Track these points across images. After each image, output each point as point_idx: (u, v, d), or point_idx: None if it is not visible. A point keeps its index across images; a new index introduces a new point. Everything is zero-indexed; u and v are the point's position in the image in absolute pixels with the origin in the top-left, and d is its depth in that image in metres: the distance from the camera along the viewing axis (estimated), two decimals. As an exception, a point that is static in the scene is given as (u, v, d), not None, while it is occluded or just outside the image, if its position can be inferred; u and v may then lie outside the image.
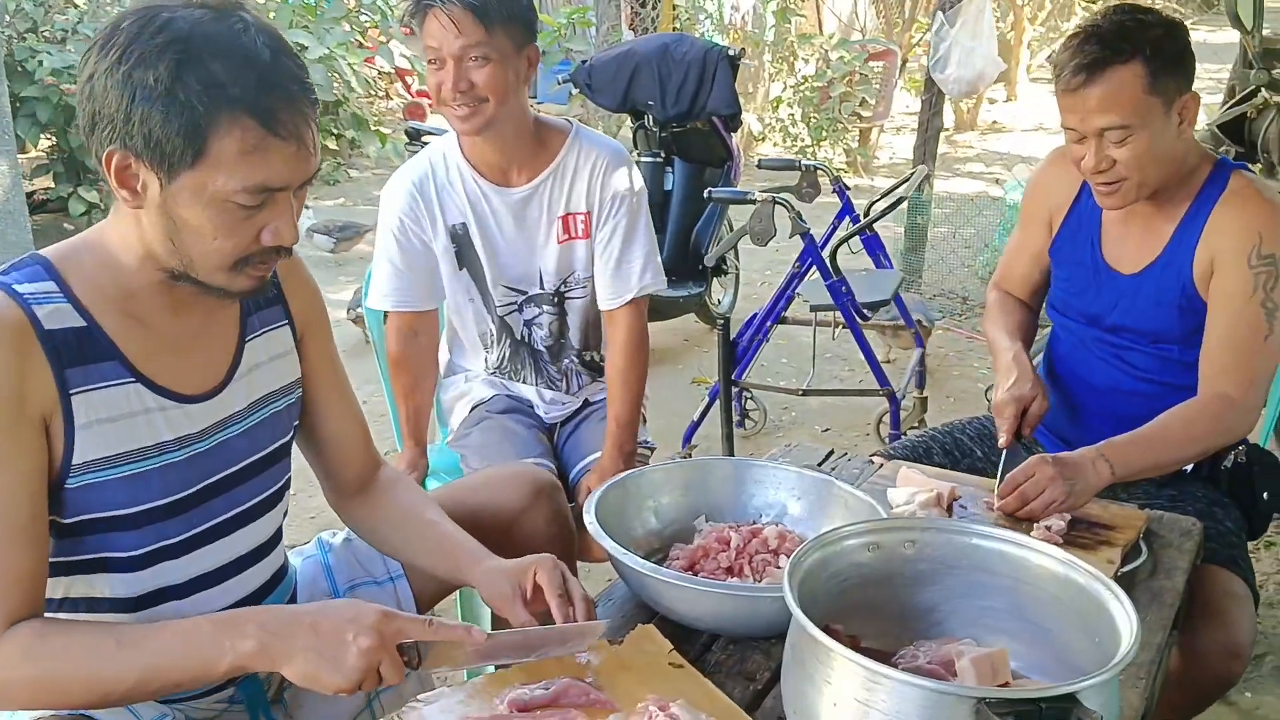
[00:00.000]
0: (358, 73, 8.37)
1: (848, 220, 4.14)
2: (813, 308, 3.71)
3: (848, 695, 1.15)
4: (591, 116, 8.27)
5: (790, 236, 3.52)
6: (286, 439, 1.53)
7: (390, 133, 8.73)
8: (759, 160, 4.61)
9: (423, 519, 1.60)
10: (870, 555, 1.41)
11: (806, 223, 3.55)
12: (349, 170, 8.73)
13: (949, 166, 8.93)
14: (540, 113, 2.34)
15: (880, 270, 4.13)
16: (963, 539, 1.41)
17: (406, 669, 1.28)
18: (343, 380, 1.63)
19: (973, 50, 5.57)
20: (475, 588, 1.53)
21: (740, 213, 5.26)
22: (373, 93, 9.53)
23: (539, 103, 9.16)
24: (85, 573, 1.35)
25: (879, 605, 1.42)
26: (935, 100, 5.84)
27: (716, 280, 5.27)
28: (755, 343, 3.85)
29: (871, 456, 2.15)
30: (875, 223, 3.80)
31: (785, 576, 1.26)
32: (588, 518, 1.55)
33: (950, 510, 1.79)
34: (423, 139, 4.76)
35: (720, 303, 5.38)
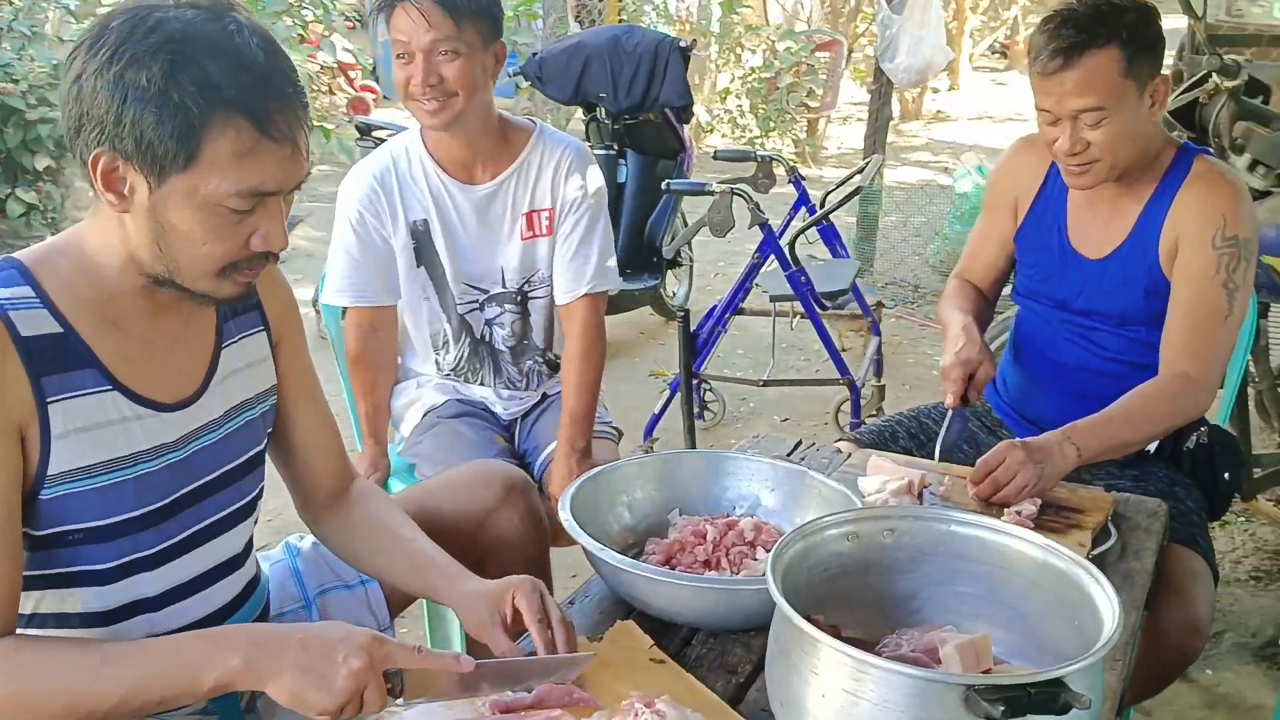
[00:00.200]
0: (300, 68, 8.23)
1: (804, 211, 4.15)
2: (772, 298, 3.72)
3: (835, 686, 1.14)
4: (539, 109, 8.22)
5: (749, 227, 3.52)
6: (260, 448, 1.49)
7: (335, 128, 8.61)
8: (715, 152, 4.62)
9: (397, 535, 1.55)
10: (849, 545, 1.41)
11: (765, 213, 3.55)
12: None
13: (896, 156, 9.00)
14: (503, 111, 2.33)
15: (838, 260, 4.15)
16: (941, 526, 1.42)
17: (389, 696, 1.26)
18: (316, 388, 1.59)
19: (921, 39, 5.62)
20: (452, 610, 1.49)
21: (693, 204, 5.27)
22: (316, 88, 9.40)
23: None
24: (56, 587, 1.31)
25: (858, 594, 1.41)
26: (884, 90, 5.88)
27: (671, 272, 5.27)
28: (714, 334, 3.85)
29: (838, 444, 2.15)
30: (833, 212, 3.82)
31: (769, 568, 1.26)
32: (564, 514, 1.53)
33: (921, 497, 1.80)
34: (373, 134, 4.71)
35: (675, 295, 5.37)
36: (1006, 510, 1.72)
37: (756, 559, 1.57)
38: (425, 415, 2.40)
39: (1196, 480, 2.06)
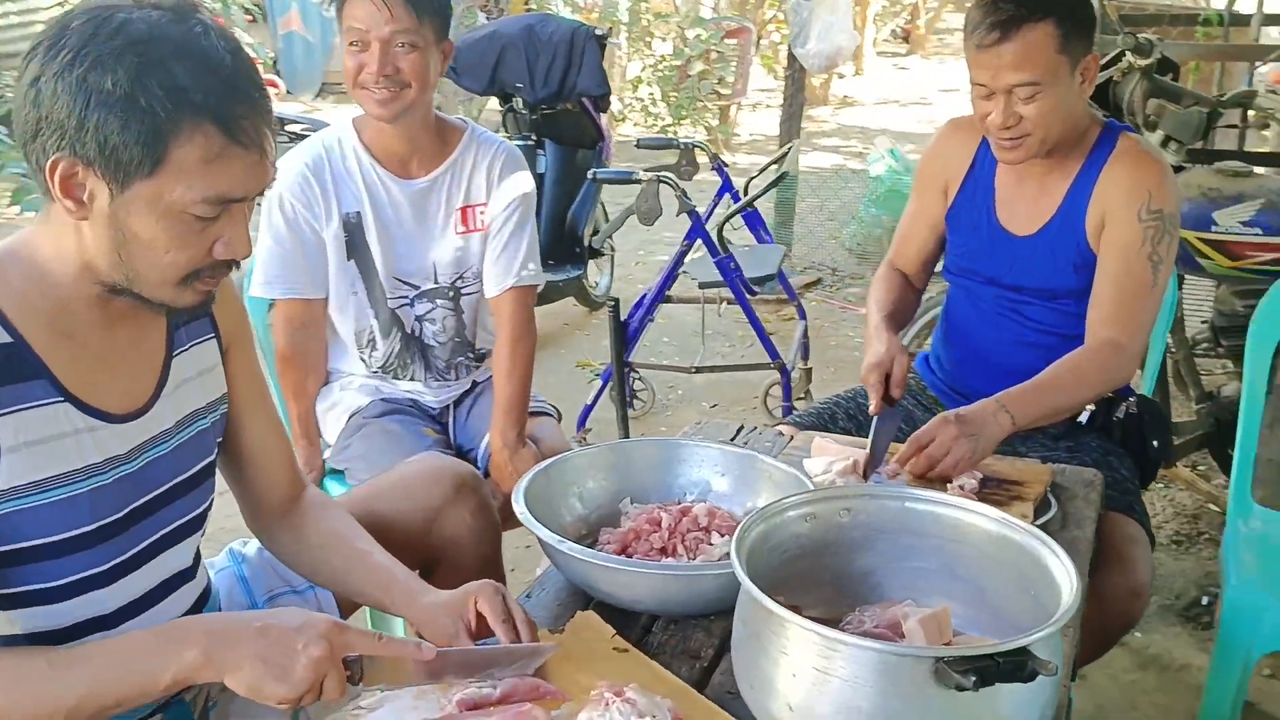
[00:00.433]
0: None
1: (728, 197, 4.16)
2: (701, 285, 3.74)
3: (806, 665, 1.15)
4: (450, 100, 8.12)
5: (677, 215, 3.53)
6: (211, 458, 1.45)
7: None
8: (637, 140, 4.61)
9: (353, 548, 1.52)
10: (808, 526, 1.41)
11: (691, 201, 3.56)
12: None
13: (808, 141, 9.09)
14: (436, 110, 2.34)
15: (763, 245, 4.18)
16: (896, 504, 1.43)
17: (348, 684, 1.24)
18: (267, 396, 1.55)
19: (831, 24, 5.68)
20: (414, 624, 1.47)
21: (612, 194, 5.26)
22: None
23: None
24: (4, 608, 1.25)
25: (817, 574, 1.42)
26: (797, 75, 5.93)
27: (593, 262, 5.26)
28: (644, 323, 3.86)
29: (779, 428, 2.16)
30: (759, 198, 3.84)
31: (733, 551, 1.26)
32: (519, 508, 1.51)
33: (866, 476, 1.81)
34: (287, 128, 4.61)
35: (597, 285, 5.37)
36: (949, 486, 1.75)
37: (712, 544, 1.57)
38: (350, 419, 2.35)
39: (1127, 449, 2.12)
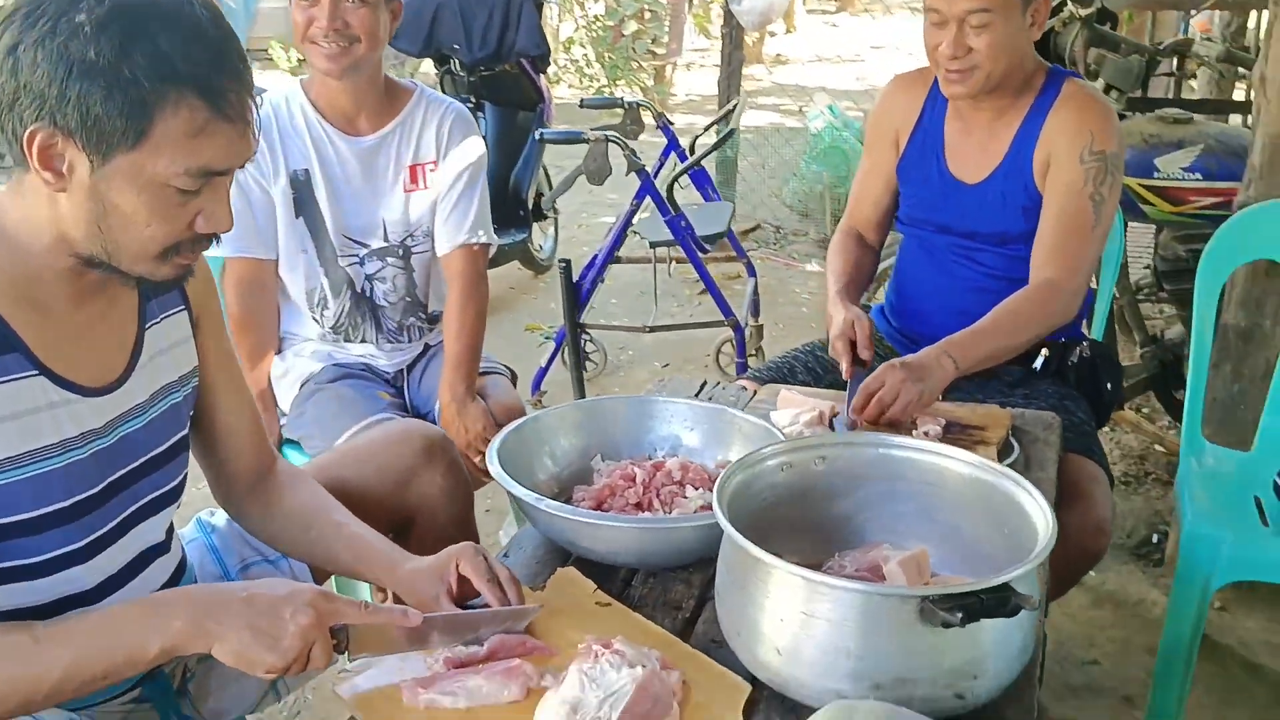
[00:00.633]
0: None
1: (674, 156, 4.15)
2: (652, 244, 3.73)
3: (792, 610, 1.16)
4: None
5: (626, 174, 3.51)
6: (184, 432, 1.43)
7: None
8: (581, 100, 4.57)
9: (329, 521, 1.50)
10: (785, 475, 1.43)
11: (641, 159, 3.55)
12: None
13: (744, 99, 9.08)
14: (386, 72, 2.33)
15: (712, 203, 4.18)
16: (872, 450, 1.45)
17: (335, 653, 1.23)
18: (236, 369, 1.53)
19: (765, -19, 5.67)
20: (396, 592, 1.45)
21: (553, 154, 5.22)
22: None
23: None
24: None
25: (795, 522, 1.44)
26: (735, 34, 5.91)
27: (537, 225, 5.22)
28: (595, 284, 3.84)
29: (740, 383, 2.18)
30: (706, 156, 3.83)
31: (715, 501, 1.27)
32: (494, 468, 1.51)
33: (831, 426, 1.83)
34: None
35: (542, 248, 5.33)
36: (913, 432, 1.78)
37: (687, 497, 1.58)
38: (303, 386, 2.33)
39: (1082, 393, 2.17)
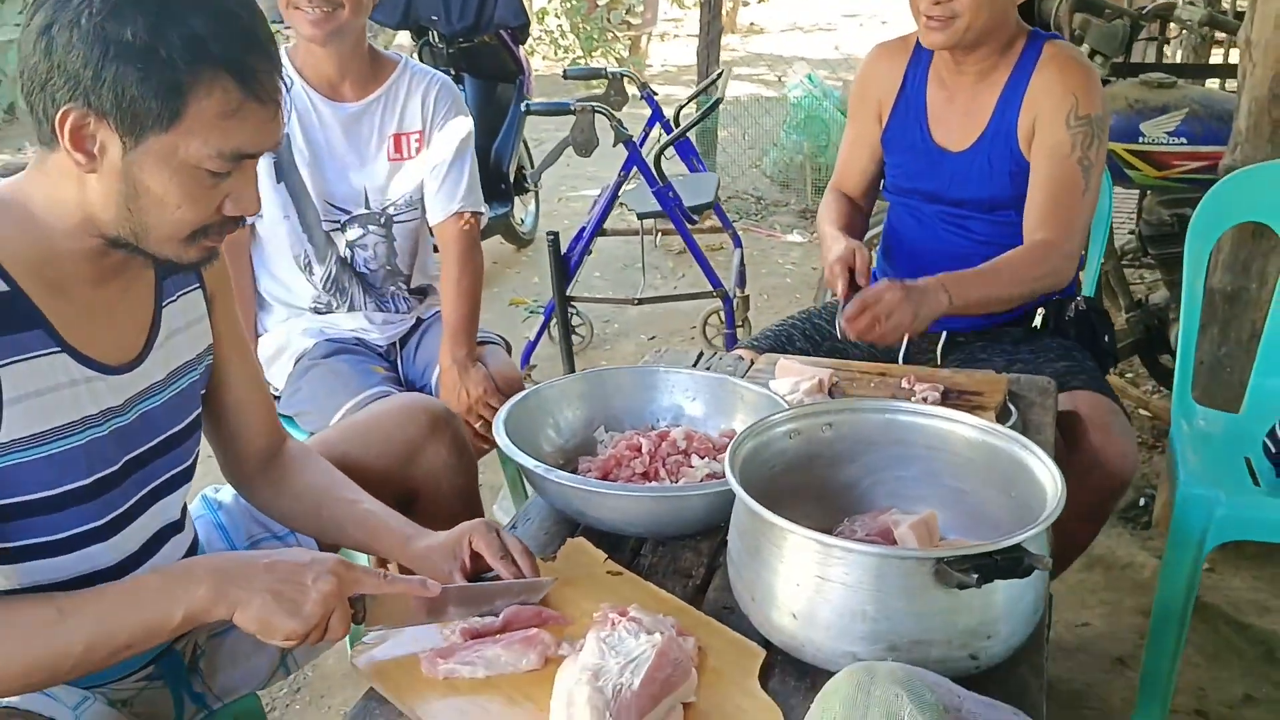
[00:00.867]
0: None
1: (659, 127, 4.13)
2: (640, 215, 3.72)
3: (808, 574, 1.17)
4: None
5: (614, 145, 3.50)
6: (199, 410, 1.42)
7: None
8: (564, 70, 4.54)
9: (341, 498, 1.50)
10: (792, 442, 1.44)
11: (628, 130, 3.53)
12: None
13: (721, 70, 9.05)
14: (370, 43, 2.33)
15: (698, 173, 4.16)
16: (878, 416, 1.46)
17: (352, 623, 1.23)
18: (246, 345, 1.52)
19: (744, -50, 5.62)
20: (410, 568, 1.45)
21: (532, 127, 5.18)
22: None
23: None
24: (5, 563, 1.21)
25: (804, 488, 1.45)
26: (714, 3, 5.89)
27: (518, 199, 5.19)
28: (582, 256, 3.83)
29: (738, 351, 2.18)
30: (695, 125, 3.82)
31: (727, 468, 1.28)
32: (501, 439, 1.51)
33: (831, 394, 1.84)
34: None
35: (524, 222, 5.30)
36: (912, 398, 1.79)
37: (693, 466, 1.58)
38: (297, 363, 2.33)
39: (1082, 345, 2.19)
